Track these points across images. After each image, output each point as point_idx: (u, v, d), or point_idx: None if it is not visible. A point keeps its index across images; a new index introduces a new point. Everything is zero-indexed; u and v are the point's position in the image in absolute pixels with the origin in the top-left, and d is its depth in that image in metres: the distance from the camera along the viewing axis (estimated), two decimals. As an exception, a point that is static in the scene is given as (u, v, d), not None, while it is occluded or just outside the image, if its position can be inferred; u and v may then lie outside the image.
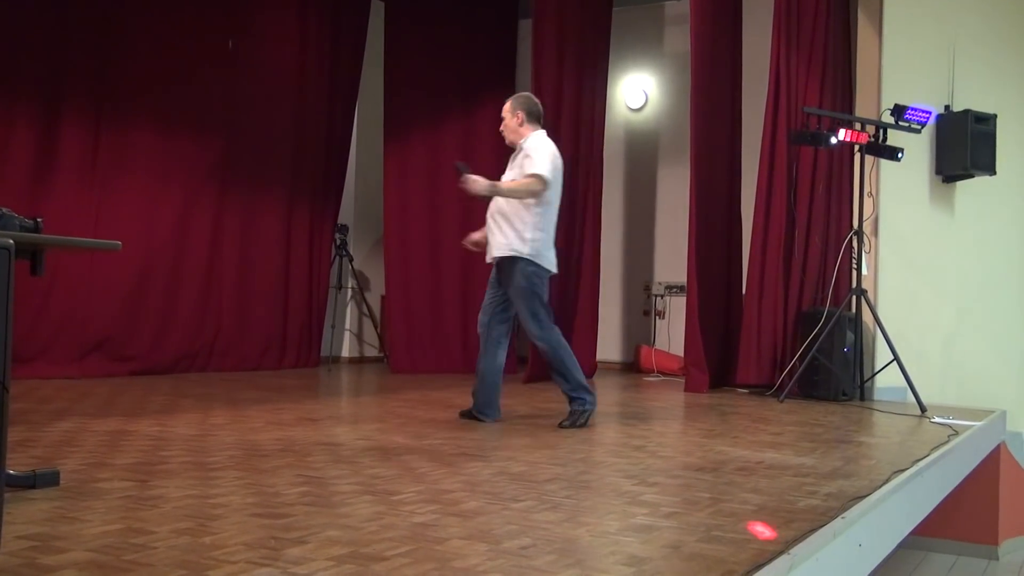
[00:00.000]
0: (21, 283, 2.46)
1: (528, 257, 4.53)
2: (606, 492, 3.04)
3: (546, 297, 4.61)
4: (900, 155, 6.39)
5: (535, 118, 4.70)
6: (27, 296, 5.83)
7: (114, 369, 6.50)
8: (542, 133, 4.71)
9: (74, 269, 6.30)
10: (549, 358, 4.62)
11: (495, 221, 4.63)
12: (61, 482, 2.73)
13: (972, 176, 6.85)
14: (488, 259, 4.70)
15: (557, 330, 4.61)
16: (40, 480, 2.67)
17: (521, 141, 4.66)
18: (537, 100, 4.76)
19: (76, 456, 3.26)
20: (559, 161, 4.64)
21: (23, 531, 2.18)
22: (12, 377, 2.26)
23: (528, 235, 4.53)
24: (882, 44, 6.91)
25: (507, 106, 4.71)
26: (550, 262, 4.62)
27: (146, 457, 3.29)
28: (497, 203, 4.63)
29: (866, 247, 6.51)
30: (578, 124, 7.82)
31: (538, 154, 4.56)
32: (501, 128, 4.73)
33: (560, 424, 4.55)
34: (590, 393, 4.64)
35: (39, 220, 2.62)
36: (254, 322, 7.63)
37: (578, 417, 4.57)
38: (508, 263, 4.58)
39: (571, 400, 4.63)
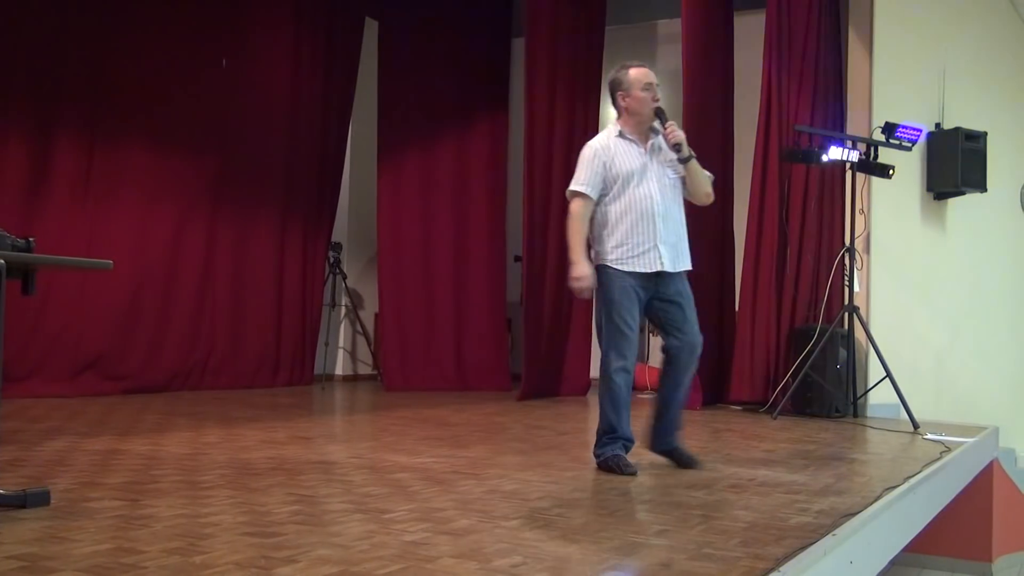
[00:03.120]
0: (13, 302, 2.47)
1: None
2: (598, 510, 3.04)
3: None
4: (891, 173, 6.43)
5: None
6: (19, 314, 5.80)
7: (107, 388, 6.48)
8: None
9: (67, 287, 6.28)
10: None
11: (678, 224, 4.02)
12: (52, 502, 2.73)
13: (963, 193, 6.90)
14: (667, 268, 3.94)
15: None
16: (31, 500, 2.66)
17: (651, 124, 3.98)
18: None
19: (67, 475, 3.25)
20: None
21: (13, 551, 2.18)
22: (4, 396, 2.27)
23: None
24: (873, 62, 6.97)
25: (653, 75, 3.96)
26: None
27: (137, 476, 3.28)
28: (670, 203, 4.02)
29: (858, 264, 6.53)
30: (571, 142, 7.84)
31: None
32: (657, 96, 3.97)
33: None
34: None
35: (31, 240, 2.63)
36: (247, 340, 7.61)
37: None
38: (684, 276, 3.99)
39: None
